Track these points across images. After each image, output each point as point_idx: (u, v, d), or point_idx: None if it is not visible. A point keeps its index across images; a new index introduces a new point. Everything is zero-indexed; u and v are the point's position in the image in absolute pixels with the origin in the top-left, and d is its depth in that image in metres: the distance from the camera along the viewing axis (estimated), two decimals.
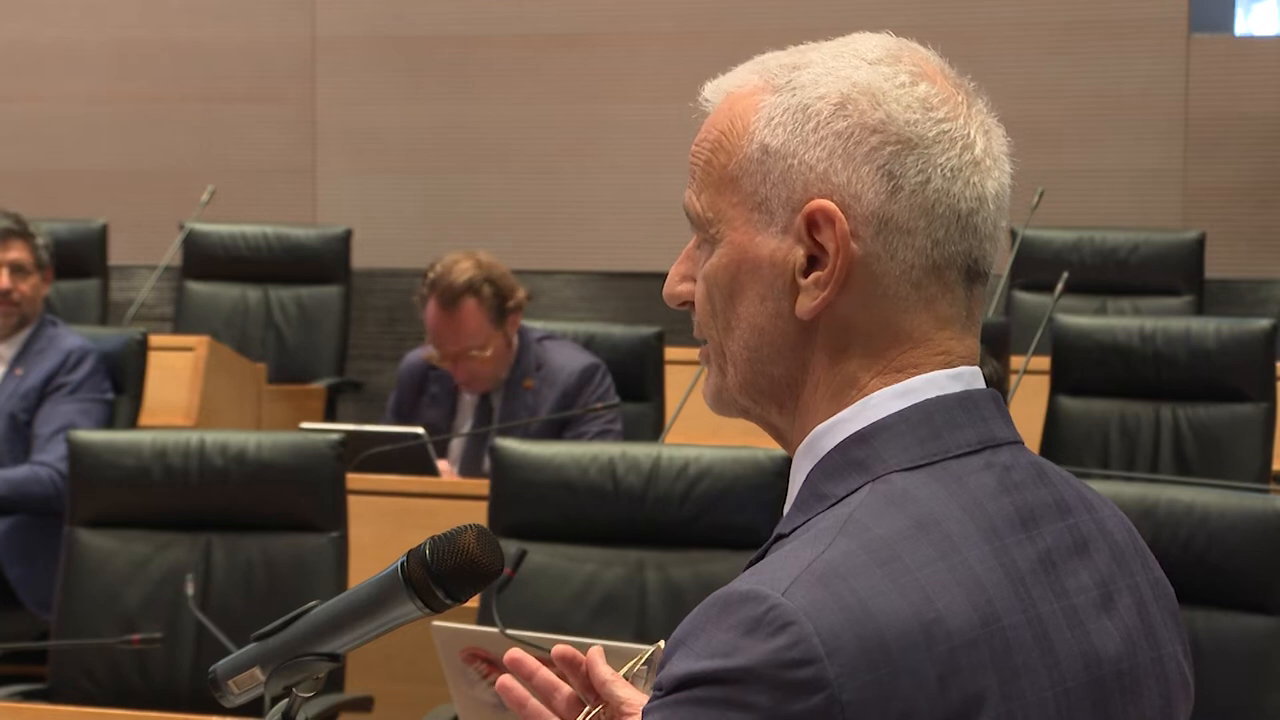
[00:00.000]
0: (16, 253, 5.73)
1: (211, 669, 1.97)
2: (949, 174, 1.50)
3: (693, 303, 1.56)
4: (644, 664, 1.94)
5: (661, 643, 3.12)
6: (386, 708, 4.49)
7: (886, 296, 1.50)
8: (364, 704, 4.36)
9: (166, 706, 3.41)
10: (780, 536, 1.48)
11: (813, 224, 1.49)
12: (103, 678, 4.40)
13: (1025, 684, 1.41)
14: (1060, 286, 5.61)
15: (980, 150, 1.52)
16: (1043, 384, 5.73)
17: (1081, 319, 5.95)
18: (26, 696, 4.12)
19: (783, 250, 1.51)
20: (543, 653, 3.20)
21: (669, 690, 1.40)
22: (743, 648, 1.37)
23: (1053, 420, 5.73)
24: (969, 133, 1.52)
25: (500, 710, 3.28)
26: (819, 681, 1.36)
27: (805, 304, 1.50)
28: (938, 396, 1.50)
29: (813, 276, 1.50)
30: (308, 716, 1.97)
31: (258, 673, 1.93)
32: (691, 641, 1.41)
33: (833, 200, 1.49)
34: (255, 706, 2.14)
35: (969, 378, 1.52)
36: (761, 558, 1.47)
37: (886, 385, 1.50)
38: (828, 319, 1.50)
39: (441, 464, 5.46)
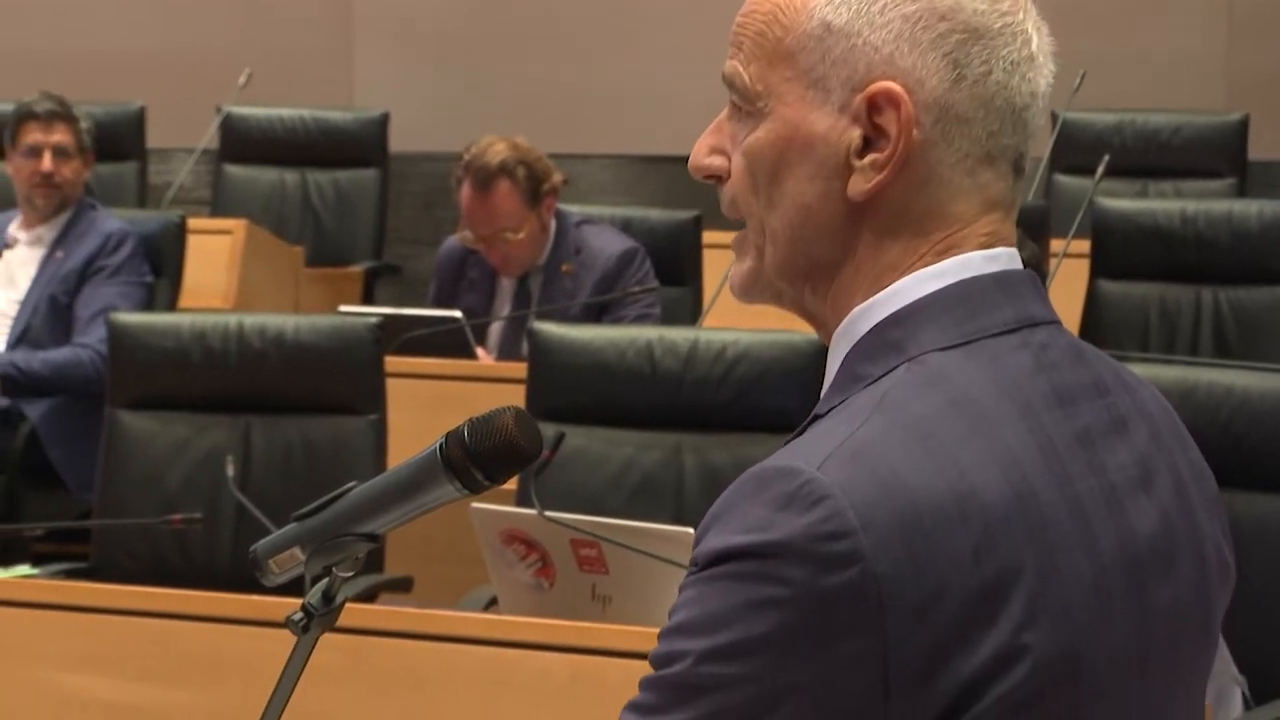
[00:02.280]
0: (60, 135, 5.73)
1: (252, 548, 1.99)
2: (1009, 67, 1.50)
3: (720, 176, 1.55)
4: None
5: (691, 529, 3.14)
6: (426, 589, 4.52)
7: (939, 183, 1.49)
8: (403, 585, 4.40)
9: (207, 585, 3.44)
10: (817, 417, 1.49)
11: (874, 106, 1.48)
12: (144, 557, 4.44)
13: (1061, 560, 1.42)
14: (1101, 169, 5.57)
15: (1035, 47, 1.52)
16: (1083, 267, 5.71)
17: (1122, 202, 5.92)
18: (69, 575, 4.16)
19: (838, 130, 1.50)
20: (579, 533, 3.21)
21: (704, 565, 1.40)
22: (777, 522, 1.37)
23: (1092, 304, 5.71)
24: (1027, 28, 1.52)
25: (538, 591, 3.30)
26: (853, 555, 1.36)
27: (859, 185, 1.49)
28: (974, 277, 1.50)
29: (869, 158, 1.49)
30: (348, 596, 1.99)
31: (298, 552, 1.94)
32: (726, 517, 1.41)
33: (897, 84, 1.48)
34: (295, 586, 2.16)
35: (1006, 259, 1.52)
36: (798, 438, 1.47)
37: (925, 267, 1.50)
38: (878, 202, 1.49)
39: (480, 349, 5.47)
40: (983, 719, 1.37)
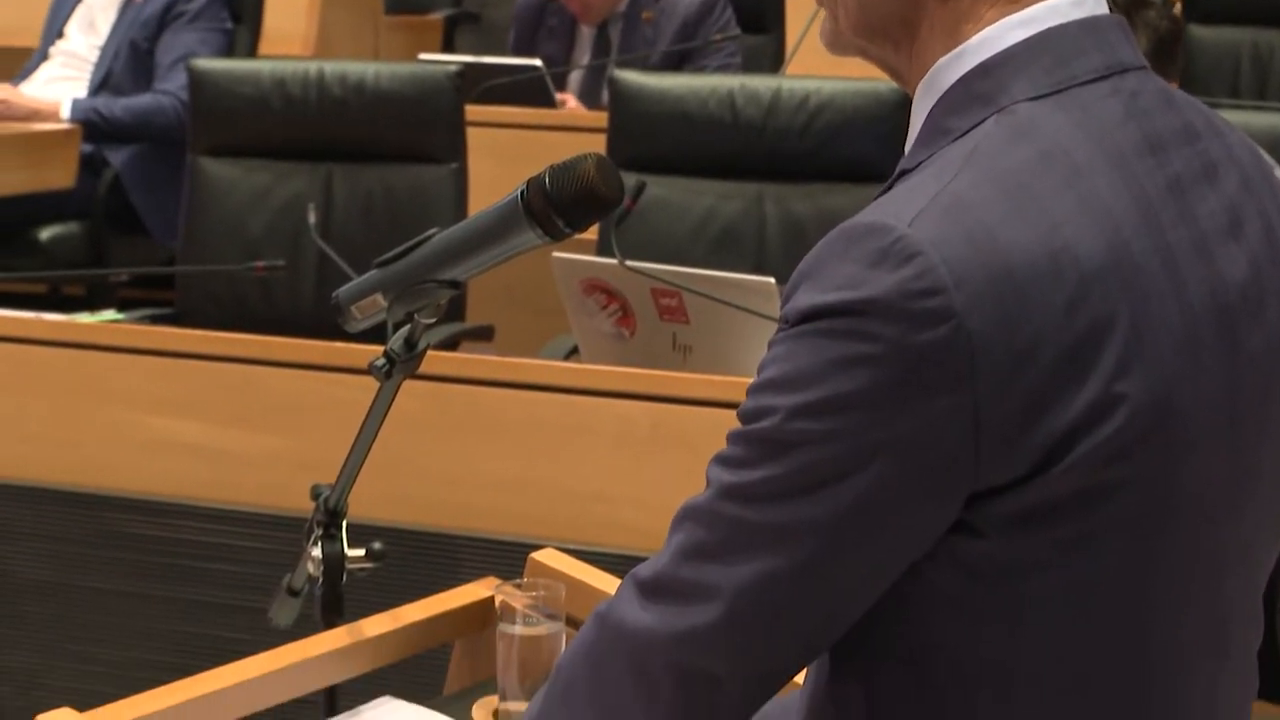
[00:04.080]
0: None
1: (334, 294, 1.99)
2: None
3: None
4: None
5: (772, 279, 3.13)
6: (507, 337, 4.55)
7: None
8: (485, 333, 4.42)
9: (290, 332, 3.47)
10: (904, 172, 1.47)
11: None
12: (227, 303, 4.47)
13: (1153, 310, 1.40)
14: None
15: None
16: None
17: None
18: (154, 320, 4.20)
19: None
20: (660, 282, 3.21)
21: (794, 323, 1.39)
22: (869, 279, 1.36)
23: (1183, 48, 5.60)
24: None
25: (618, 340, 3.31)
26: (945, 311, 1.35)
27: None
28: (1061, 24, 1.47)
29: None
30: (429, 343, 2.00)
31: (380, 299, 1.95)
32: (816, 274, 1.40)
33: None
34: (378, 333, 2.17)
35: (1092, 3, 1.49)
36: (886, 193, 1.46)
37: (1006, 15, 1.47)
38: None
39: (560, 96, 5.44)
40: (1075, 472, 1.37)
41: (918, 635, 1.44)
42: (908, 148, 1.50)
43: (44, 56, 5.75)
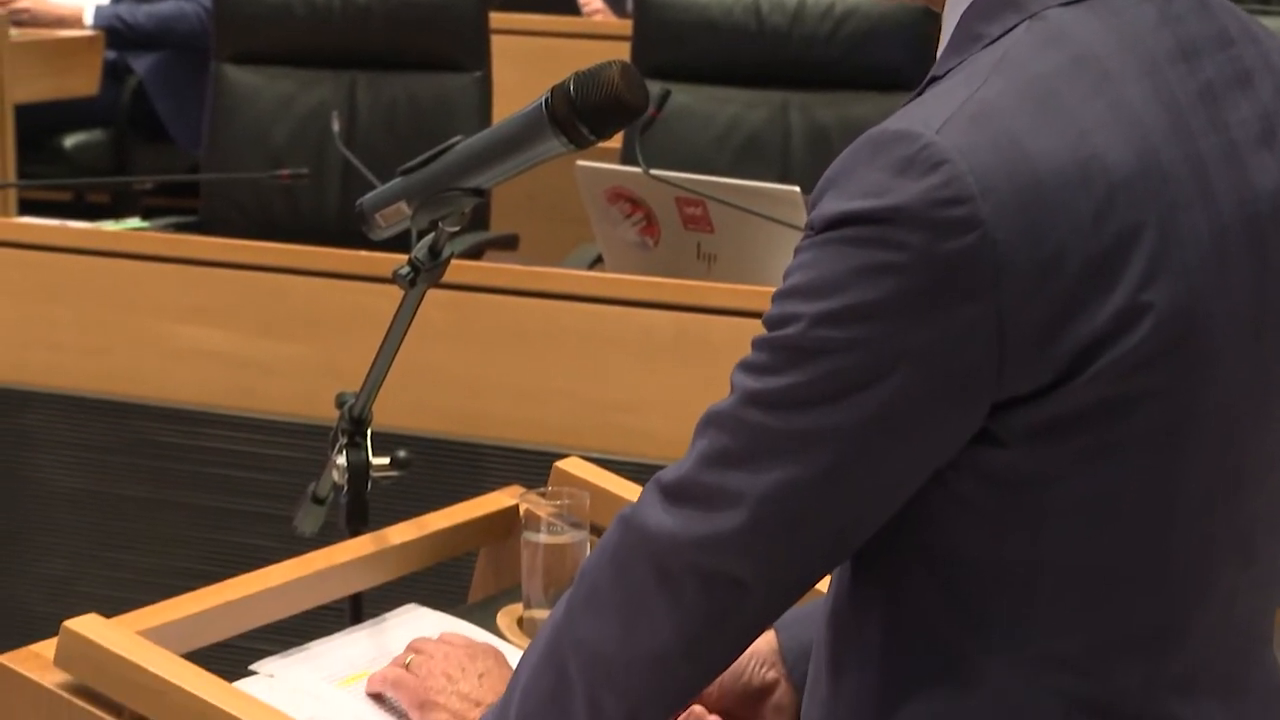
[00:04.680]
0: None
1: (358, 202, 1.99)
2: None
3: None
4: None
5: (797, 188, 3.12)
6: (531, 246, 4.55)
7: None
8: (509, 242, 4.42)
9: (314, 240, 3.47)
10: (934, 79, 1.46)
11: None
12: (252, 211, 4.47)
13: (1181, 219, 1.40)
14: None
15: None
16: None
17: None
18: (179, 228, 4.21)
19: None
20: (685, 191, 3.20)
21: (819, 230, 1.39)
22: (895, 187, 1.36)
23: None
24: None
25: (642, 249, 3.30)
26: (972, 220, 1.34)
27: None
28: None
29: None
30: (454, 251, 1.99)
31: (404, 206, 1.94)
32: (842, 181, 1.39)
33: None
34: (402, 241, 2.17)
35: None
36: (915, 100, 1.45)
37: None
38: None
39: (585, 3, 5.41)
40: (1099, 382, 1.37)
41: (940, 542, 1.44)
42: (939, 54, 1.49)
43: None
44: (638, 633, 1.48)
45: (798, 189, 3.17)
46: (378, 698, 1.80)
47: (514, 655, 1.89)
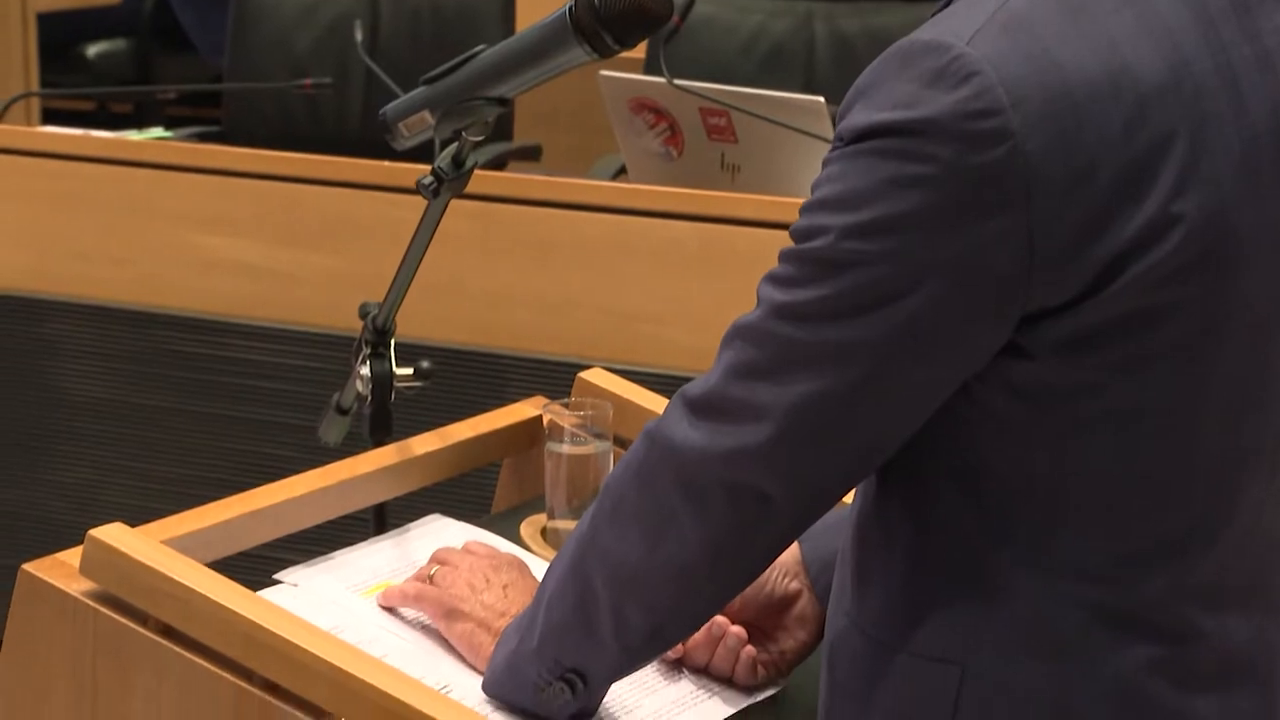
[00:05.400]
0: None
1: (381, 111, 1.98)
2: None
3: None
4: None
5: (821, 98, 3.10)
6: (554, 157, 4.53)
7: None
8: (532, 153, 4.41)
9: (337, 150, 3.46)
10: None
11: None
12: (275, 121, 4.46)
13: (1212, 130, 1.39)
14: None
15: None
16: None
17: None
18: (202, 138, 4.20)
19: None
20: (709, 101, 3.19)
21: (849, 141, 1.38)
22: (925, 99, 1.35)
23: None
24: None
25: (666, 159, 3.29)
26: (1002, 133, 1.33)
27: None
28: None
29: None
30: (477, 161, 1.99)
31: (427, 116, 1.94)
32: (872, 92, 1.38)
33: None
34: (425, 151, 2.16)
35: None
36: (944, 10, 1.44)
37: None
38: None
39: None
40: (1127, 294, 1.36)
41: (966, 454, 1.44)
42: None
43: None
44: (663, 546, 1.49)
45: (822, 99, 3.15)
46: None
47: (537, 566, 1.89)
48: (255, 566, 1.90)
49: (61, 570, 1.70)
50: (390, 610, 1.80)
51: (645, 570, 1.50)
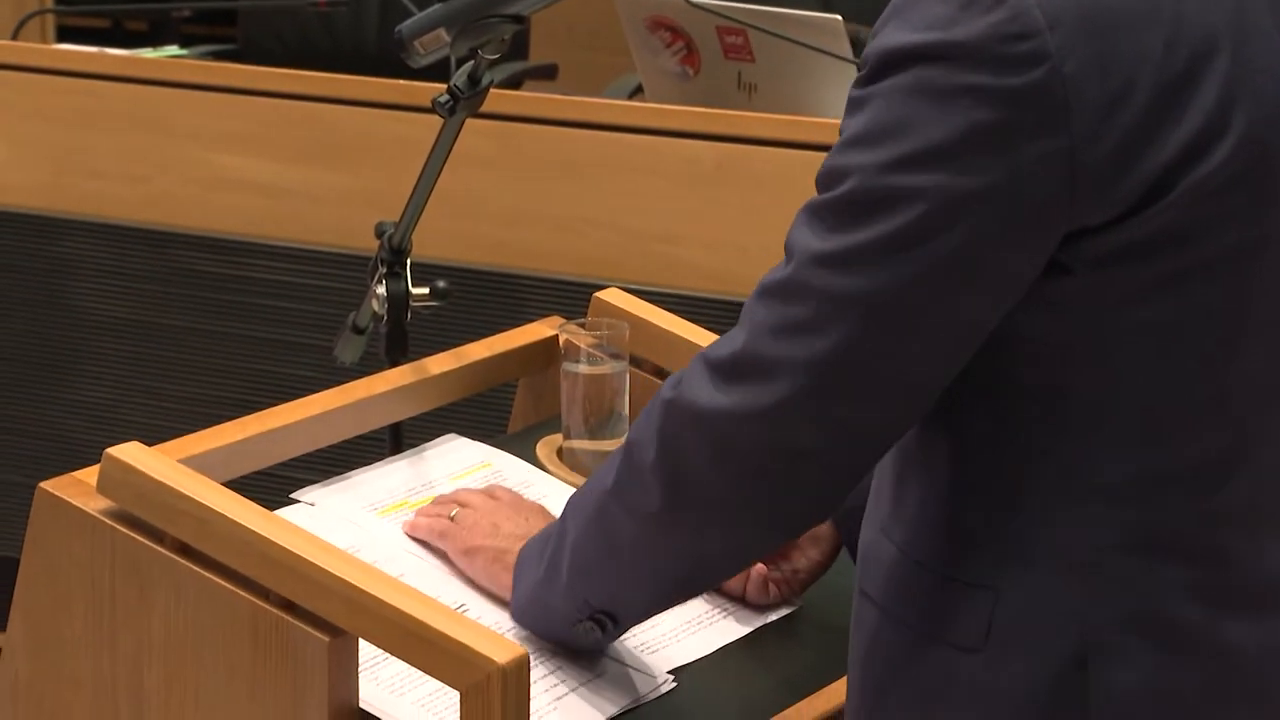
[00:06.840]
0: None
1: (398, 29, 1.98)
2: None
3: None
4: None
5: (839, 16, 3.08)
6: (571, 76, 4.52)
7: None
8: (548, 72, 4.39)
9: (353, 68, 3.44)
10: None
11: None
12: (291, 40, 4.45)
13: (1252, 46, 1.37)
14: None
15: None
16: None
17: None
18: (216, 56, 4.18)
19: None
20: (726, 20, 3.17)
21: (879, 66, 1.35)
22: (960, 20, 1.32)
23: None
24: None
25: (683, 79, 3.28)
26: (1040, 54, 1.31)
27: None
28: None
29: None
30: (493, 80, 1.98)
31: (443, 33, 1.93)
32: (907, 12, 1.36)
33: None
34: (441, 70, 2.15)
35: None
36: None
37: None
38: None
39: None
40: (1170, 210, 1.35)
41: (1005, 376, 1.42)
42: None
43: None
44: (692, 510, 1.48)
45: (839, 17, 3.13)
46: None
47: (553, 486, 1.90)
48: (272, 485, 1.90)
49: (79, 489, 1.70)
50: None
51: (671, 525, 1.49)
